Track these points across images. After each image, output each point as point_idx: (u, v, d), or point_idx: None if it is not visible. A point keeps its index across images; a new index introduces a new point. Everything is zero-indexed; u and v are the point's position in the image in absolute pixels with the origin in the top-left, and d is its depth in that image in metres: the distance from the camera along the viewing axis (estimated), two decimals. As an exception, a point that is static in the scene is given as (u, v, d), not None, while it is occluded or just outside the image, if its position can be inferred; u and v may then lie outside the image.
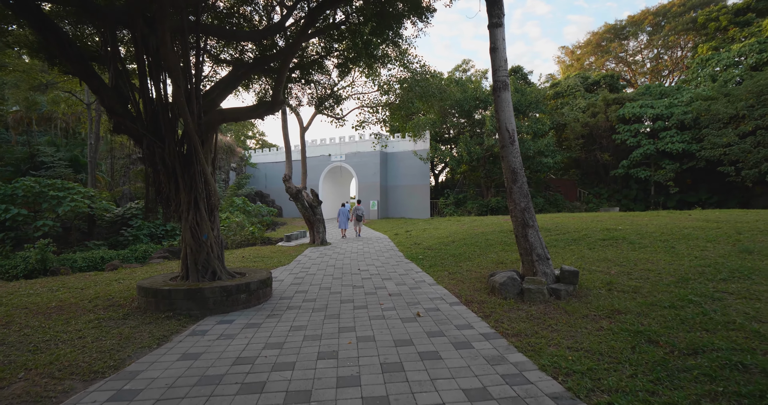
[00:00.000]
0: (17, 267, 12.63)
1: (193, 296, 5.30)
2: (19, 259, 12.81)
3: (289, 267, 9.56)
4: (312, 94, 12.12)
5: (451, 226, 17.70)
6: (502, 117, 6.64)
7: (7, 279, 12.32)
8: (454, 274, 7.75)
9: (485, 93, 26.95)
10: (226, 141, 35.64)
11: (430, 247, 11.72)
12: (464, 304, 5.56)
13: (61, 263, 13.42)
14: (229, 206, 26.39)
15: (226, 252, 13.38)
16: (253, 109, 6.54)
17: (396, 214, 30.45)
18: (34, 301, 6.04)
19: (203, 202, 6.23)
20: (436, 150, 27.42)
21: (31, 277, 12.72)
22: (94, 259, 14.24)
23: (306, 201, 15.20)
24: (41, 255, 12.84)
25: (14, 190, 14.31)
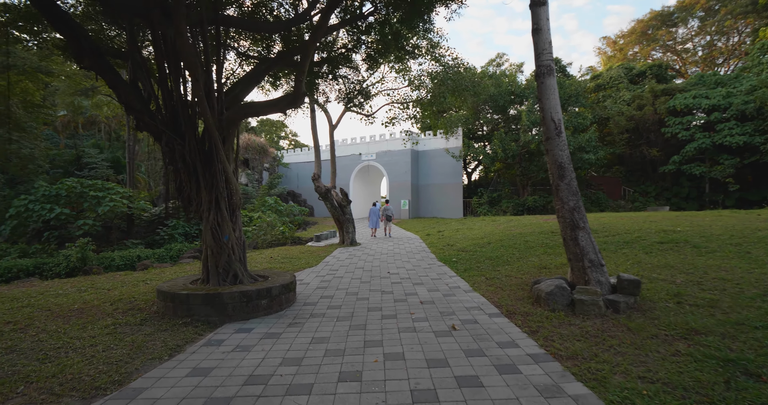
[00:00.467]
0: (59, 265, 13.05)
1: (211, 302, 4.99)
2: (61, 258, 13.23)
3: (316, 269, 9.21)
4: (340, 90, 11.76)
5: (485, 226, 16.89)
6: (546, 105, 5.93)
7: (50, 277, 12.76)
8: (491, 279, 7.10)
9: (521, 87, 25.78)
10: (259, 142, 36.20)
11: (464, 249, 11.06)
12: (506, 316, 4.93)
13: (100, 261, 13.78)
14: (261, 206, 26.66)
15: (255, 252, 13.27)
16: (275, 102, 6.19)
17: (427, 213, 29.76)
18: (60, 302, 5.95)
19: (224, 202, 5.93)
20: (469, 147, 26.52)
21: (72, 275, 13.11)
22: (131, 258, 14.55)
23: (335, 200, 14.89)
24: (81, 253, 13.21)
25: (58, 190, 14.86)
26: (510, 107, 27.49)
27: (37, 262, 13.00)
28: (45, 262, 13.13)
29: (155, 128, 5.50)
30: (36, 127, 19.52)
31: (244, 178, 34.78)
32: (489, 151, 26.37)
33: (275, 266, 9.50)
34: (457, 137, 28.27)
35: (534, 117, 23.44)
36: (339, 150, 33.18)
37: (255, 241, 15.59)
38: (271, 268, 9.24)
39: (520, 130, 25.15)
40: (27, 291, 6.90)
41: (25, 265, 12.76)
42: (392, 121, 15.62)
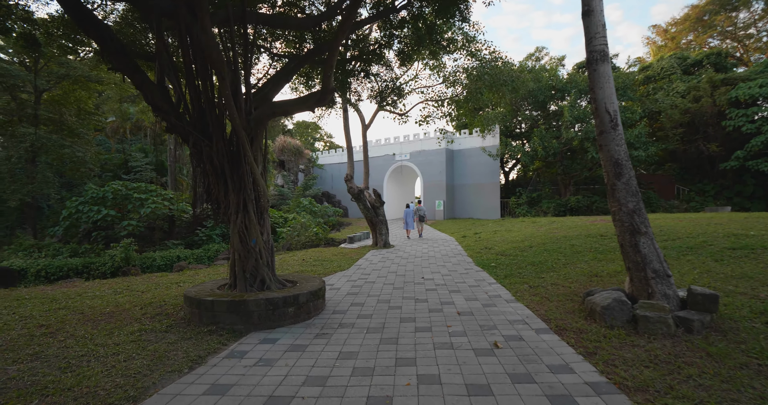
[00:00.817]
0: (105, 264, 13.59)
1: (236, 309, 4.77)
2: (107, 257, 13.78)
3: (347, 273, 8.93)
4: (372, 88, 11.44)
5: (525, 227, 16.04)
6: (600, 95, 5.30)
7: (97, 276, 13.30)
8: (536, 288, 6.50)
9: (562, 81, 24.48)
10: (294, 144, 36.73)
11: (503, 253, 10.42)
12: (555, 333, 4.38)
13: (143, 261, 14.23)
14: (296, 207, 26.93)
15: (288, 254, 13.22)
16: (303, 100, 5.94)
17: (463, 214, 28.96)
18: (93, 304, 5.98)
19: (252, 204, 5.74)
20: (507, 145, 25.49)
21: (116, 274, 13.61)
22: (171, 258, 14.94)
23: (368, 201, 14.61)
24: (125, 253, 13.69)
25: (105, 193, 15.53)
26: (550, 103, 26.22)
27: (85, 262, 13.60)
28: (92, 261, 13.71)
29: (182, 129, 5.38)
30: (87, 133, 20.63)
31: (281, 180, 35.39)
32: (528, 149, 25.24)
33: (306, 269, 9.30)
34: (494, 135, 27.31)
35: (577, 112, 22.16)
36: (372, 150, 33.01)
37: (289, 243, 15.61)
38: (302, 271, 9.05)
39: (562, 126, 23.87)
40: (67, 292, 7.05)
41: (74, 264, 13.38)
42: (426, 119, 15.14)
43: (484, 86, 13.83)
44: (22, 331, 4.67)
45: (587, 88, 23.64)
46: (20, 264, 12.99)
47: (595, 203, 24.97)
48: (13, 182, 16.71)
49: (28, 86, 18.69)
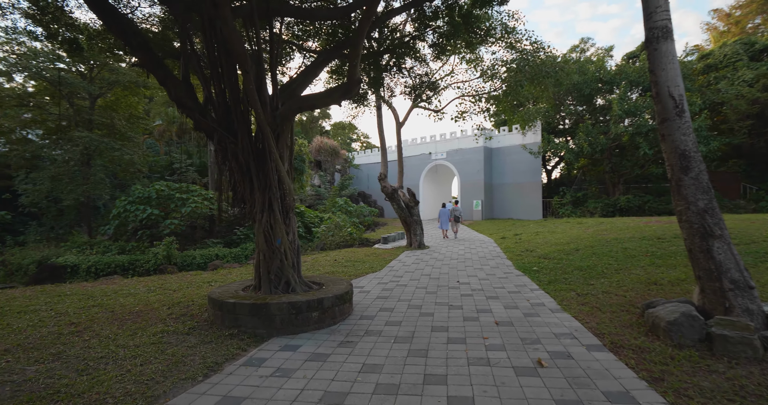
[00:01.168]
0: (149, 262, 14.11)
1: (258, 312, 4.56)
2: (150, 255, 14.30)
3: (379, 275, 8.60)
4: (406, 84, 11.06)
5: (570, 229, 15.03)
6: (662, 78, 4.62)
7: (141, 273, 13.83)
8: (584, 296, 5.86)
9: (610, 73, 22.91)
10: (331, 144, 37.04)
11: (546, 256, 9.69)
12: (610, 350, 3.80)
13: (183, 259, 14.65)
14: (331, 207, 27.03)
15: (321, 254, 13.10)
16: (329, 93, 5.67)
17: (502, 214, 27.89)
18: (125, 303, 6.02)
19: (277, 203, 5.53)
20: (549, 142, 24.21)
21: (159, 271, 14.09)
22: (210, 256, 15.30)
23: (402, 201, 14.23)
24: (166, 251, 14.15)
25: (149, 193, 16.16)
26: (597, 96, 24.66)
27: (131, 259, 14.18)
28: (137, 258, 14.27)
29: (207, 126, 5.26)
30: (136, 136, 21.67)
31: (317, 180, 35.78)
32: (572, 146, 23.84)
33: (338, 270, 9.07)
34: (535, 132, 26.09)
35: (627, 105, 20.62)
36: (408, 149, 32.60)
37: (323, 243, 15.54)
38: (333, 272, 8.83)
39: (610, 121, 22.33)
40: (105, 289, 7.21)
41: (121, 261, 13.98)
42: (462, 115, 14.55)
43: (524, 79, 13.05)
44: (53, 328, 4.70)
45: (639, 79, 22.00)
46: (73, 260, 13.74)
47: (647, 203, 23.21)
48: (70, 183, 17.79)
49: (82, 93, 19.88)
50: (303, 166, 21.06)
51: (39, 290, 7.27)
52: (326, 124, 62.33)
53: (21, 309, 5.65)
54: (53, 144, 19.54)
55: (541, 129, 26.18)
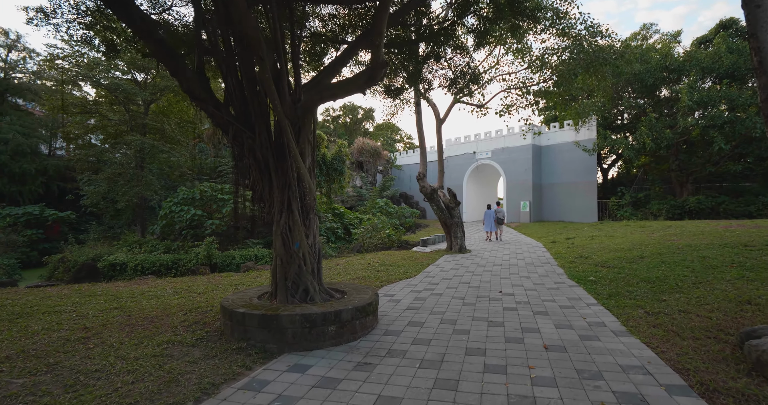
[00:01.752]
0: (190, 261, 14.39)
1: (268, 325, 4.09)
2: (192, 255, 14.59)
3: (413, 281, 7.94)
4: (445, 76, 10.30)
5: (631, 233, 13.49)
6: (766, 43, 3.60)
7: (185, 272, 14.12)
8: (656, 315, 4.86)
9: (678, 60, 20.61)
10: (372, 145, 36.81)
11: (604, 264, 8.55)
12: (701, 396, 2.91)
13: (223, 259, 14.80)
14: (372, 208, 26.68)
15: (356, 257, 12.62)
16: (353, 80, 5.11)
17: (552, 216, 26.12)
18: (145, 306, 5.82)
19: (296, 203, 5.06)
20: (606, 138, 22.24)
21: (192, 272, 14.30)
22: (249, 257, 15.36)
23: (442, 202, 13.46)
24: (207, 251, 14.35)
25: (193, 194, 16.57)
26: (662, 87, 22.33)
27: (174, 258, 14.53)
28: (180, 258, 14.60)
29: (222, 119, 4.90)
30: (185, 140, 22.51)
31: (359, 181, 35.67)
32: (633, 142, 21.73)
33: (369, 275, 8.52)
34: (589, 128, 24.19)
35: (699, 95, 18.38)
36: (451, 149, 31.58)
37: (360, 244, 15.10)
38: (364, 277, 8.29)
39: (678, 113, 20.09)
40: (133, 290, 7.15)
41: (165, 260, 14.35)
42: (508, 109, 13.51)
43: (579, 67, 11.83)
44: (65, 332, 4.52)
45: (712, 65, 19.61)
46: (122, 258, 14.29)
47: (722, 205, 20.67)
48: (125, 185, 18.75)
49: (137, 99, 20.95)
50: (342, 166, 20.87)
51: (75, 289, 7.35)
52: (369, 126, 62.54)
53: (48, 309, 5.61)
54: (112, 148, 20.74)
55: (596, 124, 24.23)
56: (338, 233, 19.91)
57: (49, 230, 21.00)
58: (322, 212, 20.18)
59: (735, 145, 19.44)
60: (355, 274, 8.72)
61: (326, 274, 8.82)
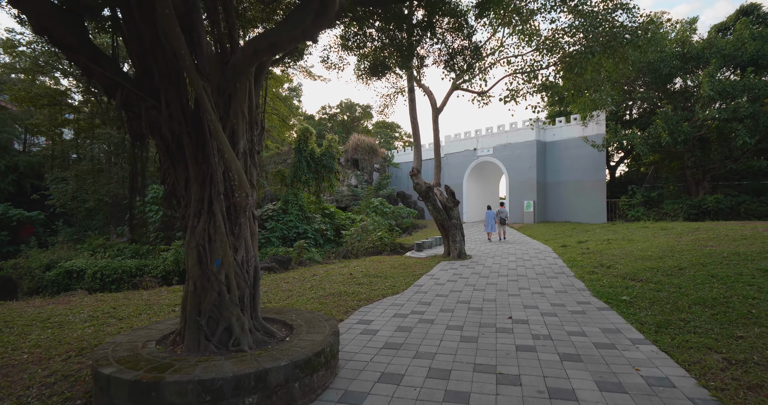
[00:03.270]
0: (157, 268, 12.84)
1: (143, 399, 2.52)
2: (160, 260, 13.04)
3: (400, 300, 6.38)
4: (440, 52, 8.72)
5: (653, 236, 11.91)
6: None
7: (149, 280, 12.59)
8: (743, 366, 3.29)
9: (696, 47, 19.02)
10: (368, 142, 35.25)
11: (634, 277, 6.99)
12: None
13: (195, 265, 13.26)
14: (366, 208, 25.11)
15: (338, 264, 11.04)
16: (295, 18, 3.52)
17: (558, 216, 24.55)
18: (28, 342, 4.27)
19: (219, 202, 3.50)
20: (616, 133, 20.65)
21: (168, 279, 12.76)
22: (225, 262, 13.82)
23: (439, 201, 11.90)
24: (175, 256, 12.80)
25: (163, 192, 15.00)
26: (678, 77, 20.73)
27: (139, 264, 12.98)
28: (146, 264, 13.05)
29: (102, 76, 3.32)
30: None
31: (354, 180, 34.10)
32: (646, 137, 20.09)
33: (348, 290, 6.96)
34: (598, 122, 22.64)
35: (720, 85, 16.79)
36: (450, 146, 30.01)
37: (346, 249, 13.54)
38: (340, 294, 6.72)
39: (696, 104, 18.49)
40: (41, 312, 5.59)
41: (129, 266, 12.79)
42: (513, 95, 11.94)
43: (597, 46, 10.24)
44: None
45: (734, 53, 18.01)
46: (81, 264, 12.74)
47: (743, 204, 19.11)
48: (94, 183, 17.20)
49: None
50: (333, 163, 19.29)
51: (-30, 311, 5.79)
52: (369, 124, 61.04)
53: None
54: (82, 142, 19.18)
55: (605, 118, 22.67)
56: (328, 235, 18.36)
57: (23, 231, 19.40)
58: (311, 212, 18.62)
59: (760, 139, 17.86)
60: (331, 288, 7.16)
61: (296, 288, 7.27)
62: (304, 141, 18.52)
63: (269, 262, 10.27)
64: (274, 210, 17.59)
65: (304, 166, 18.35)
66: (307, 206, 18.61)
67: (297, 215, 17.62)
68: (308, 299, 6.32)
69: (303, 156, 18.46)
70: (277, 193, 20.08)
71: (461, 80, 12.76)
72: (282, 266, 10.25)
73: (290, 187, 18.17)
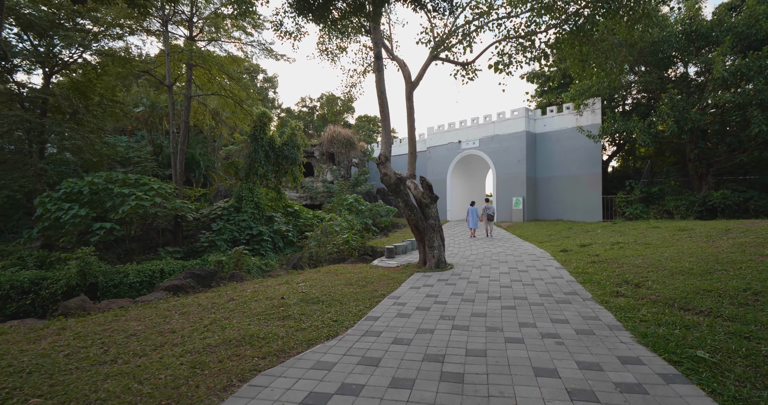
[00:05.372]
0: (58, 282, 10.12)
1: None
2: (62, 272, 10.31)
3: (331, 355, 3.93)
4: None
5: (673, 239, 9.73)
6: None
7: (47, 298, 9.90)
8: None
9: (706, 24, 17.03)
10: (345, 134, 32.65)
11: (687, 304, 4.70)
12: None
13: (110, 278, 10.57)
14: (339, 205, 22.60)
15: (281, 279, 8.51)
16: None
17: (549, 215, 22.48)
18: None
19: None
20: (615, 122, 18.57)
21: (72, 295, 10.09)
22: (151, 273, 11.17)
23: (413, 196, 9.51)
24: (80, 267, 10.10)
25: (81, 187, 12.21)
26: (681, 60, 18.75)
27: (35, 277, 10.22)
28: (46, 276, 10.30)
29: None
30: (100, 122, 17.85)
31: (329, 175, 31.50)
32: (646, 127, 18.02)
33: (257, 332, 4.48)
34: (593, 111, 20.61)
35: (735, 66, 14.81)
36: (433, 138, 27.71)
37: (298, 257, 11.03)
38: (242, 340, 4.24)
39: (707, 88, 16.49)
40: None
41: (19, 280, 10.04)
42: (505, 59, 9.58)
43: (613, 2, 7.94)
44: None
45: (748, 31, 16.06)
46: (-43, 278, 9.93)
47: (752, 200, 17.28)
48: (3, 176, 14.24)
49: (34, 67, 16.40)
50: (296, 154, 16.70)
51: None
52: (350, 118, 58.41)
53: None
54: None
55: (601, 106, 20.64)
56: (289, 237, 15.78)
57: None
58: (270, 211, 16.01)
59: (772, 129, 15.95)
60: (234, 329, 4.67)
61: (182, 328, 4.76)
62: (260, 128, 15.85)
63: (183, 277, 7.68)
64: (224, 208, 14.93)
65: (261, 157, 15.70)
66: (265, 204, 16.00)
67: (252, 214, 15.00)
68: (176, 357, 3.83)
69: (260, 145, 15.81)
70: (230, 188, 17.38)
71: (441, 47, 10.37)
72: (201, 283, 7.69)
73: (245, 181, 15.51)
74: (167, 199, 13.24)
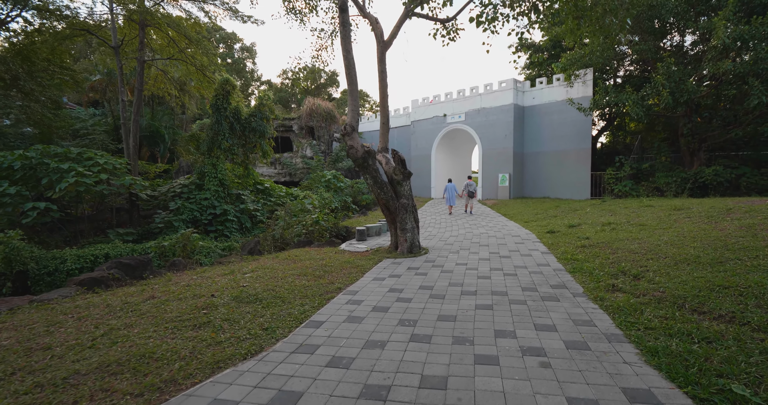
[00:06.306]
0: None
1: None
2: (-18, 259, 9.02)
3: (249, 378, 2.88)
4: None
5: (669, 219, 8.87)
6: None
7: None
8: None
9: (708, -14, 15.75)
10: (325, 107, 30.96)
11: (702, 306, 3.78)
12: None
13: (44, 264, 9.35)
14: (317, 182, 21.36)
15: (226, 268, 7.42)
16: None
17: (536, 192, 21.62)
18: None
19: None
20: (607, 93, 17.45)
21: (-2, 285, 8.88)
22: (95, 258, 9.98)
23: (384, 172, 8.39)
24: (5, 253, 8.84)
25: (11, 162, 10.74)
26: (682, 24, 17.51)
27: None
28: (-34, 264, 9.03)
29: None
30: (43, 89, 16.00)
31: (309, 150, 30.02)
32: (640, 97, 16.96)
33: (160, 347, 3.41)
34: (585, 81, 19.42)
35: (738, 31, 13.68)
36: (418, 112, 26.31)
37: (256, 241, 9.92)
38: (126, 365, 3.15)
39: (706, 55, 15.39)
40: None
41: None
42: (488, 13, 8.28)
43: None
44: None
45: (753, -8, 14.86)
46: None
47: (743, 177, 16.64)
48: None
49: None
50: (265, 126, 15.26)
51: None
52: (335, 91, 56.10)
53: None
54: None
55: (593, 78, 19.48)
56: (258, 217, 14.60)
57: None
58: (236, 189, 14.74)
59: (770, 102, 15.07)
60: (132, 345, 3.59)
61: (66, 341, 3.67)
62: (223, 96, 14.31)
63: (107, 268, 6.51)
64: (184, 185, 13.60)
65: (225, 129, 14.25)
66: (231, 180, 14.69)
67: (215, 192, 13.71)
68: (14, 397, 2.73)
69: (223, 115, 14.31)
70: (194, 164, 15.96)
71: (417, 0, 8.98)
72: (131, 274, 6.54)
73: (207, 156, 14.12)
74: (116, 176, 11.85)
